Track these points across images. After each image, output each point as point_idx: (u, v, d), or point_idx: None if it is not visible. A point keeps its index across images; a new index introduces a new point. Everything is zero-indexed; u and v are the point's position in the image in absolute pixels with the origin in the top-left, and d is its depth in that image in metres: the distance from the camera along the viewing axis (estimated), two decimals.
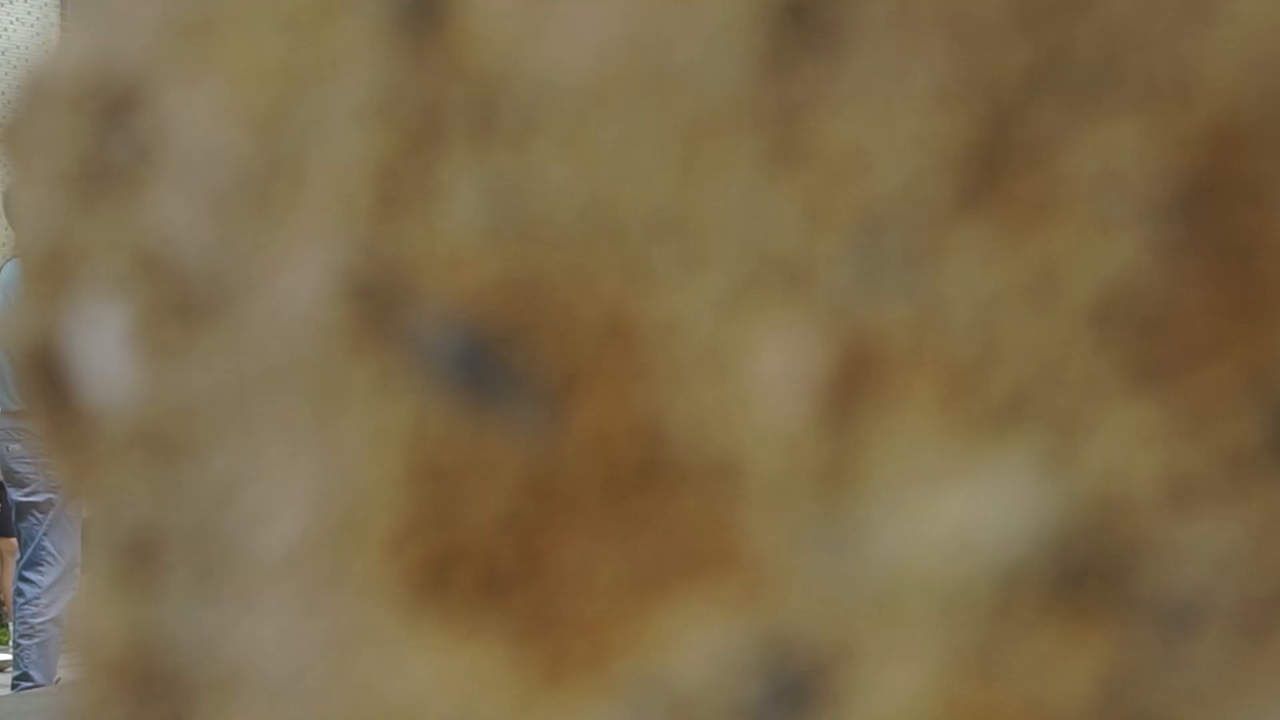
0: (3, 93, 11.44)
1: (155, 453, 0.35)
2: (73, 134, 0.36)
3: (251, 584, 0.34)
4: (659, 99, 0.29)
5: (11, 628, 7.26)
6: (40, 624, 6.81)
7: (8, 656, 7.73)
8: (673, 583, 0.30)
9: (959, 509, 0.27)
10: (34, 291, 0.37)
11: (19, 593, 6.85)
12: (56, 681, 6.84)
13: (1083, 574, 0.27)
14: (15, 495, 6.76)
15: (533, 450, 0.31)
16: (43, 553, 6.83)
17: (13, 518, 6.92)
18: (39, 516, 6.77)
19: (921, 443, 0.28)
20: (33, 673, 6.76)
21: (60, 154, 0.37)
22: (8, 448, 6.72)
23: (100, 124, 0.36)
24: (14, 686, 6.85)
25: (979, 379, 0.27)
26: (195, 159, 0.35)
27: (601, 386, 0.30)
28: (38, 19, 11.90)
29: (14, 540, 7.20)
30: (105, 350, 0.36)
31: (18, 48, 11.87)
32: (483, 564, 0.32)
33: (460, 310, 0.32)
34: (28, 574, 6.82)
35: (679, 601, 0.30)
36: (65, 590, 6.91)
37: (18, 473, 6.74)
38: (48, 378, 0.37)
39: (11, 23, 11.81)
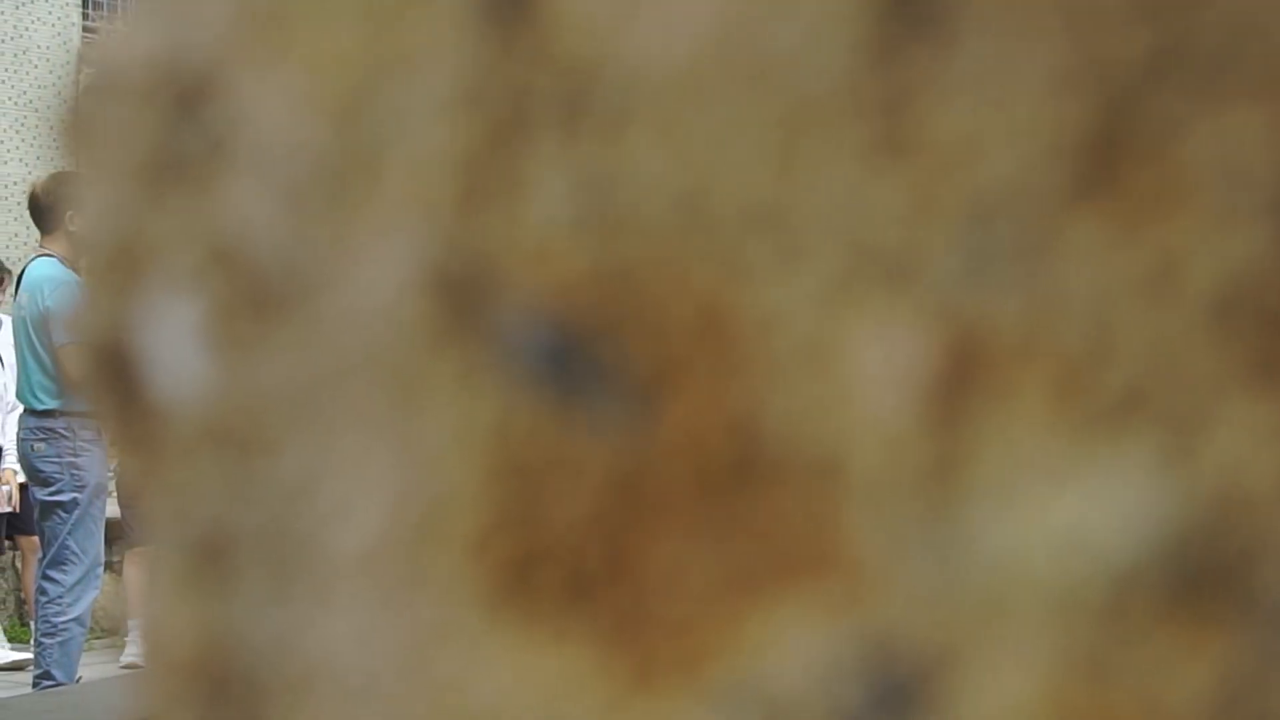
0: (24, 92, 11.43)
1: (227, 449, 0.35)
2: (143, 126, 0.36)
3: (327, 583, 0.34)
4: (758, 88, 0.28)
5: (33, 626, 7.27)
6: (63, 623, 6.83)
7: (29, 655, 7.75)
8: (769, 584, 0.29)
9: (1071, 509, 0.27)
10: (103, 286, 0.36)
11: (42, 591, 6.87)
12: (77, 680, 6.86)
13: (1200, 575, 0.26)
14: (39, 494, 6.78)
15: (621, 448, 0.31)
16: (66, 551, 6.84)
17: (35, 516, 6.94)
18: (63, 515, 6.79)
19: (1032, 441, 0.27)
20: (54, 671, 6.78)
21: (130, 146, 0.36)
22: (32, 447, 6.74)
23: (172, 115, 0.35)
24: (35, 685, 6.87)
25: (1093, 375, 0.26)
26: (270, 150, 0.34)
27: (694, 382, 0.30)
28: (59, 19, 11.93)
29: (36, 538, 7.22)
30: (176, 345, 0.35)
31: (39, 47, 11.90)
32: (569, 564, 0.31)
33: (547, 304, 0.31)
34: (51, 573, 6.84)
35: (776, 603, 0.29)
36: (88, 589, 6.93)
37: (42, 472, 6.75)
38: (117, 373, 0.36)
39: (33, 23, 11.84)
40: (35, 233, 7.55)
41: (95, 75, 0.37)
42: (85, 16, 12.15)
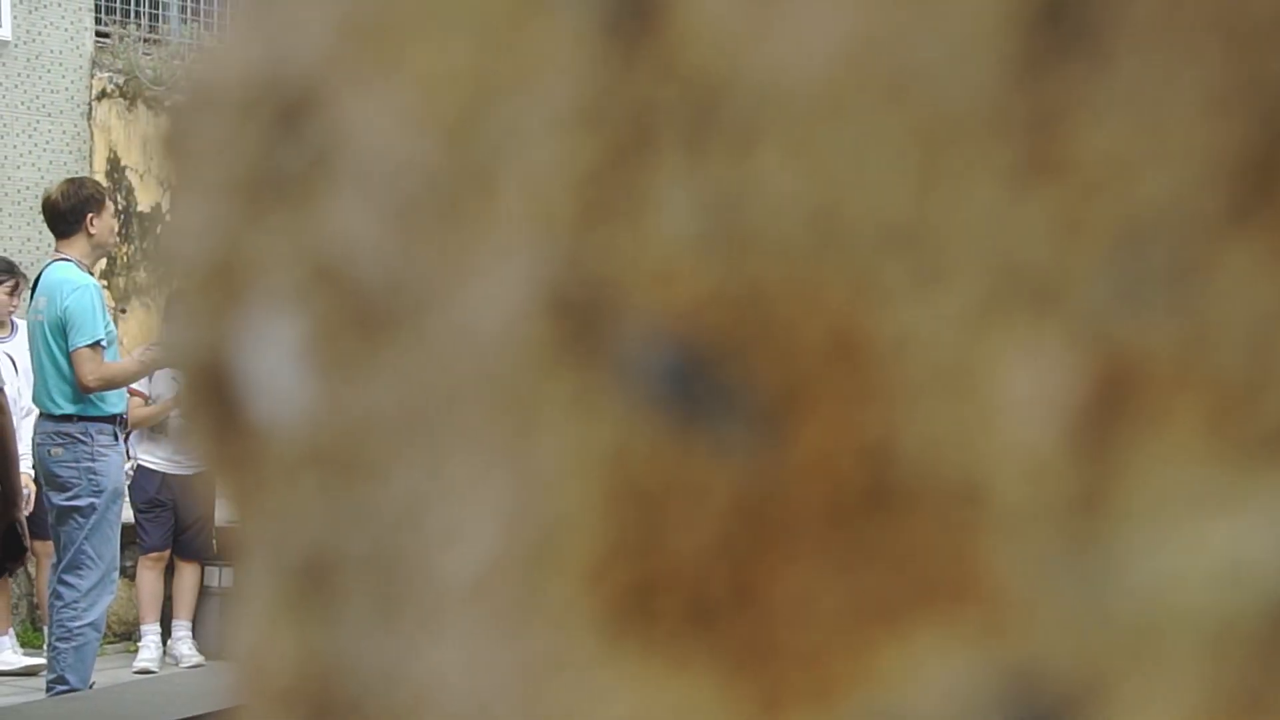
0: (37, 97, 11.42)
1: (330, 472, 0.34)
2: (242, 141, 0.35)
3: (436, 610, 0.33)
4: (897, 104, 0.28)
5: (46, 631, 7.28)
6: (78, 627, 6.84)
7: (42, 660, 7.75)
8: (904, 613, 0.29)
9: (1227, 539, 0.26)
10: (200, 304, 0.35)
11: (57, 595, 6.87)
12: (91, 686, 6.86)
13: None
14: (56, 499, 6.78)
15: (747, 473, 0.30)
16: (83, 556, 6.85)
17: (49, 521, 6.95)
18: (80, 520, 6.79)
19: (1186, 470, 0.26)
20: (69, 676, 6.78)
21: (228, 162, 0.35)
22: (49, 452, 6.74)
23: (272, 131, 0.35)
24: (49, 690, 6.87)
25: (1250, 402, 0.26)
26: (377, 167, 0.33)
27: (826, 406, 0.29)
28: (71, 23, 11.95)
29: (50, 543, 7.23)
30: (277, 365, 0.34)
31: (51, 52, 11.91)
32: (691, 592, 0.30)
33: (670, 325, 0.30)
34: (67, 577, 6.84)
35: (911, 633, 0.29)
36: (103, 594, 6.93)
37: (59, 477, 6.75)
38: (215, 393, 0.35)
39: (45, 27, 11.85)
40: (47, 237, 7.56)
41: (192, 90, 0.36)
42: (98, 21, 12.16)
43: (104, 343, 6.84)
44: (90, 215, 6.75)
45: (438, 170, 0.33)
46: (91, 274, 6.87)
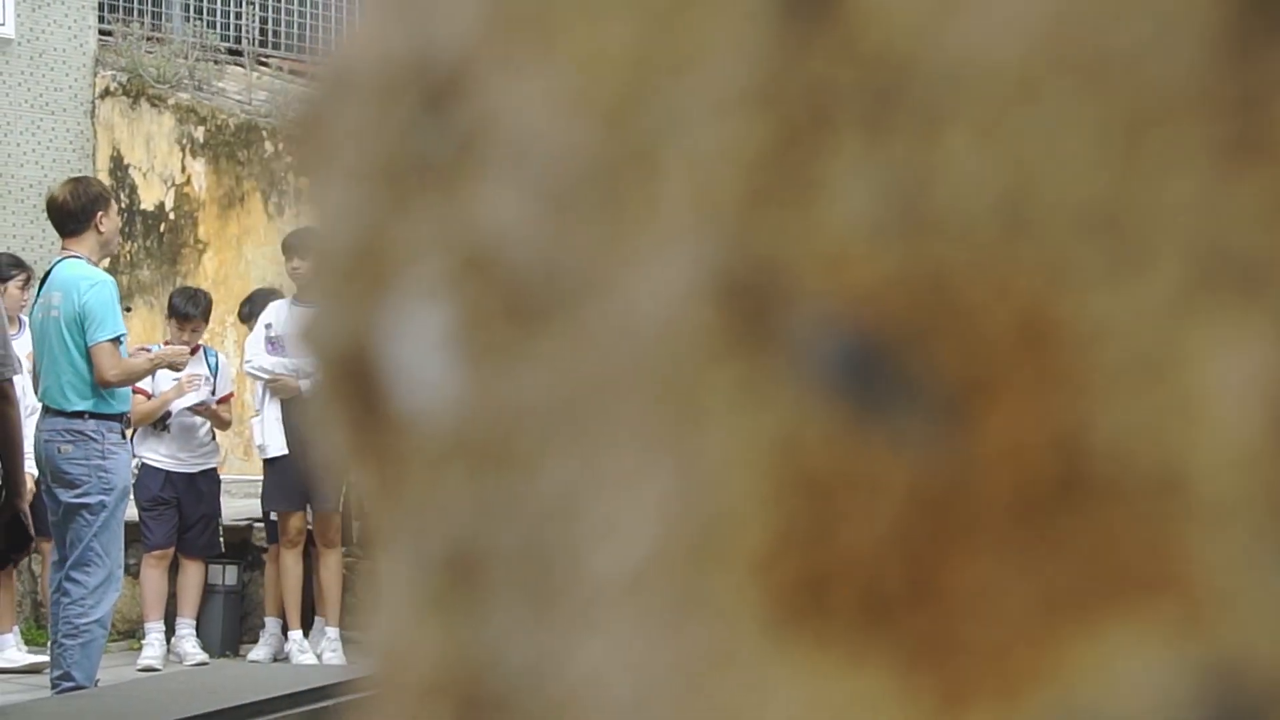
0: (40, 95, 11.42)
1: (478, 463, 0.33)
2: (385, 126, 0.34)
3: (590, 604, 0.32)
4: (1096, 85, 0.27)
5: (50, 628, 7.27)
6: (85, 624, 6.83)
7: (46, 658, 7.75)
8: (1096, 607, 0.28)
9: None
10: (342, 293, 0.35)
11: (64, 592, 6.87)
12: (96, 684, 6.85)
13: None
14: (65, 496, 6.78)
15: (927, 464, 0.29)
16: (90, 553, 6.84)
17: (52, 518, 6.93)
18: (88, 518, 6.79)
19: None
20: (74, 673, 6.78)
21: (370, 147, 0.35)
22: (58, 449, 6.74)
23: (417, 115, 0.34)
24: (54, 686, 6.87)
25: None
26: (530, 152, 0.32)
27: (1013, 396, 0.28)
28: (75, 21, 11.94)
29: (50, 541, 7.21)
30: (423, 354, 0.34)
31: (55, 50, 11.90)
32: (865, 585, 0.30)
33: (846, 312, 0.30)
34: (74, 574, 6.83)
35: (1104, 628, 0.28)
36: (109, 591, 6.93)
37: (68, 474, 6.75)
38: (356, 384, 0.35)
39: (49, 25, 11.84)
40: (52, 234, 7.55)
41: (331, 76, 0.35)
42: (101, 20, 12.14)
43: (122, 339, 6.85)
44: (100, 214, 6.76)
45: (596, 154, 0.32)
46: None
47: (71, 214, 6.75)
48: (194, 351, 8.72)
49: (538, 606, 0.33)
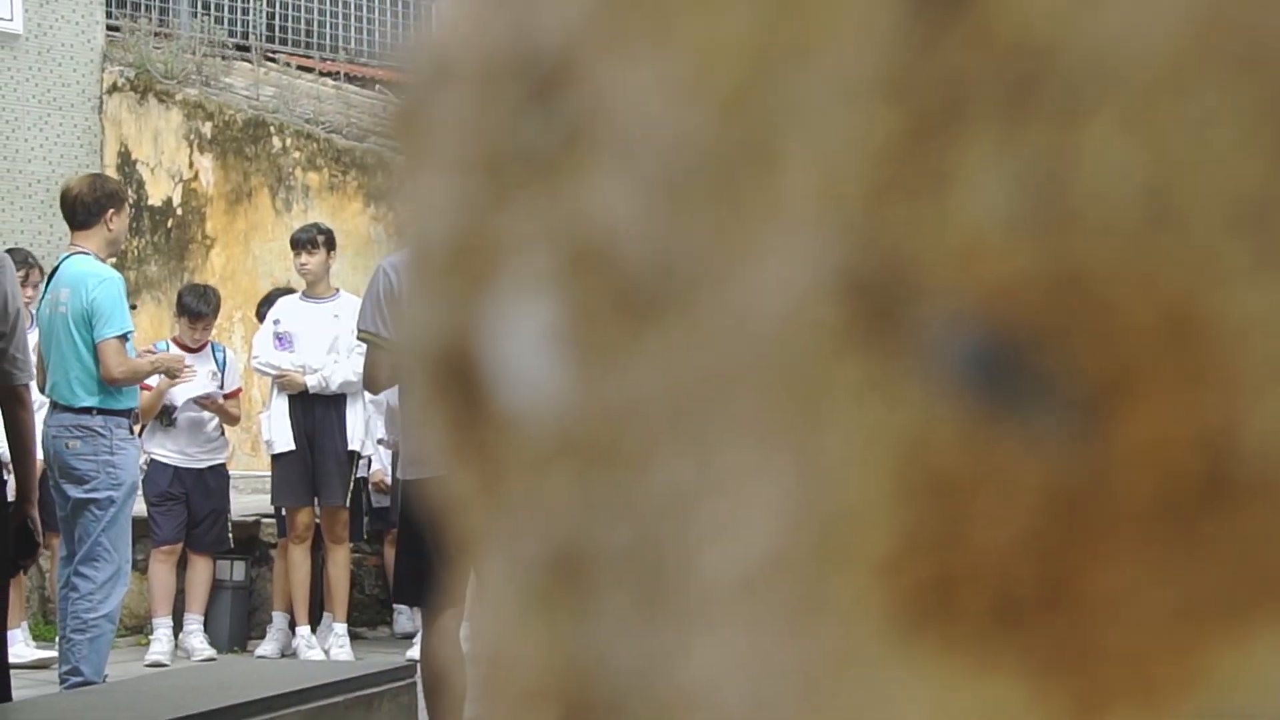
0: (48, 90, 11.41)
1: (585, 462, 0.33)
2: (487, 116, 0.34)
3: (704, 606, 0.31)
4: (1249, 74, 0.26)
5: (58, 623, 7.27)
6: (94, 619, 6.83)
7: (54, 653, 7.75)
8: (1243, 611, 0.27)
9: None
10: (442, 288, 0.34)
11: (73, 588, 6.87)
12: (105, 679, 6.85)
13: None
14: (73, 492, 6.77)
15: (1063, 463, 0.28)
16: (99, 549, 6.84)
17: (60, 513, 6.93)
18: (97, 513, 6.78)
19: None
20: (83, 668, 6.77)
21: (472, 138, 0.34)
22: (66, 444, 6.73)
23: (521, 105, 0.33)
24: (62, 682, 6.87)
25: None
26: (642, 142, 0.32)
27: (1157, 394, 0.27)
28: (83, 16, 11.93)
29: (58, 537, 7.21)
30: (528, 351, 0.33)
31: (63, 45, 11.90)
32: (997, 589, 0.29)
33: (979, 308, 0.29)
34: (83, 569, 6.83)
35: (1250, 632, 0.27)
36: (117, 586, 6.93)
37: (77, 469, 6.74)
38: (457, 381, 0.34)
39: (56, 20, 11.83)
40: (60, 230, 7.55)
41: (429, 66, 0.35)
42: (109, 15, 12.13)
43: (129, 336, 6.85)
44: (111, 211, 6.76)
45: (711, 145, 0.31)
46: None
47: (85, 206, 6.75)
48: (201, 348, 8.71)
49: (648, 608, 0.32)
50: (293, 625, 8.94)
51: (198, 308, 8.71)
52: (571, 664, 0.33)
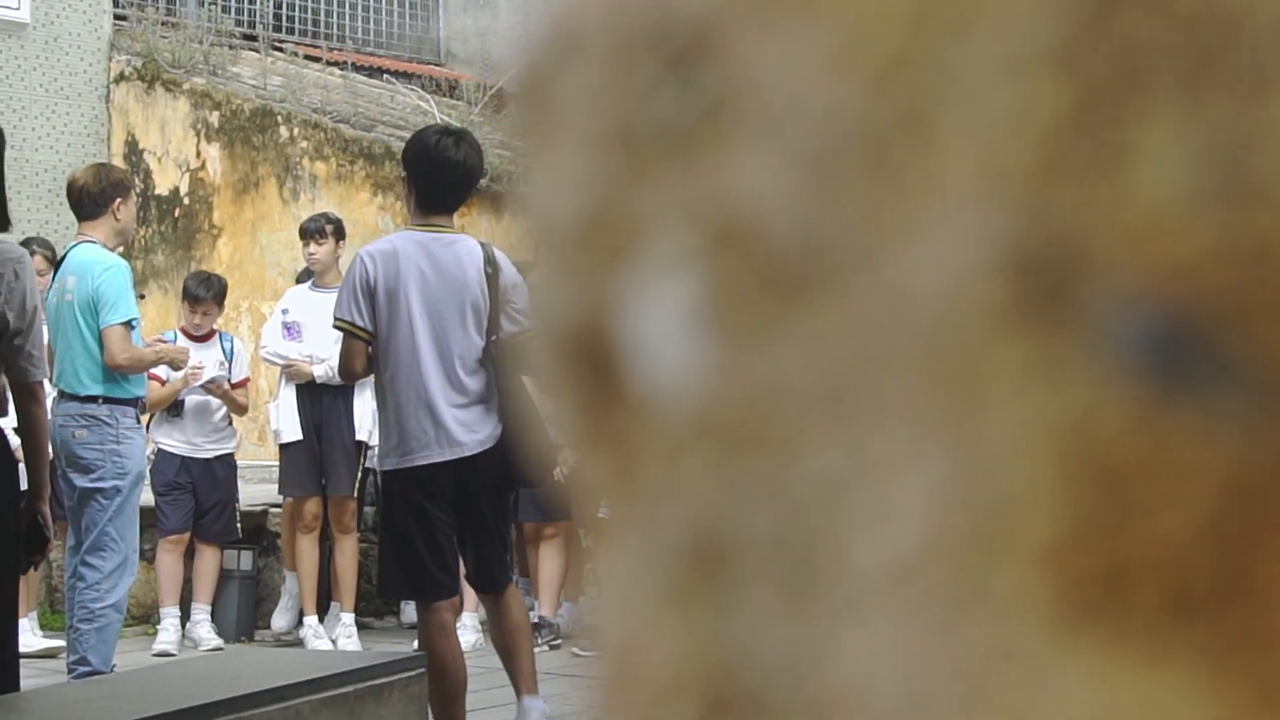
0: (55, 79, 11.40)
1: (727, 447, 0.31)
2: (621, 89, 0.32)
3: (854, 597, 0.30)
4: None
5: (66, 613, 7.26)
6: (101, 609, 6.83)
7: (61, 642, 7.75)
8: None
9: None
10: (574, 267, 0.33)
11: (80, 577, 6.86)
12: (113, 668, 6.85)
13: None
14: (80, 481, 6.77)
15: (1244, 449, 0.27)
16: (105, 538, 6.84)
17: (68, 503, 6.93)
18: (103, 502, 6.78)
19: None
20: (90, 657, 6.77)
21: (605, 112, 0.33)
22: (73, 434, 6.72)
23: (658, 78, 0.32)
24: (70, 671, 6.86)
25: None
26: (790, 116, 0.31)
27: None
28: (90, 5, 11.91)
29: (65, 526, 7.21)
30: (666, 331, 0.32)
31: (70, 35, 11.88)
32: (1171, 579, 0.28)
33: (1155, 288, 0.28)
34: (90, 559, 6.83)
35: None
36: (125, 576, 6.92)
37: (83, 459, 6.74)
38: (590, 363, 0.33)
39: (64, 9, 11.82)
40: (67, 219, 7.55)
41: (556, 37, 0.33)
42: (116, 4, 12.11)
43: (134, 323, 6.84)
44: (119, 200, 6.74)
45: (864, 119, 0.30)
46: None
47: (91, 196, 6.74)
48: (208, 337, 8.70)
49: (794, 599, 0.31)
50: (301, 616, 8.94)
51: (197, 292, 8.70)
52: (712, 658, 0.32)
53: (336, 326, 5.44)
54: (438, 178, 5.28)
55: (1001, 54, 0.29)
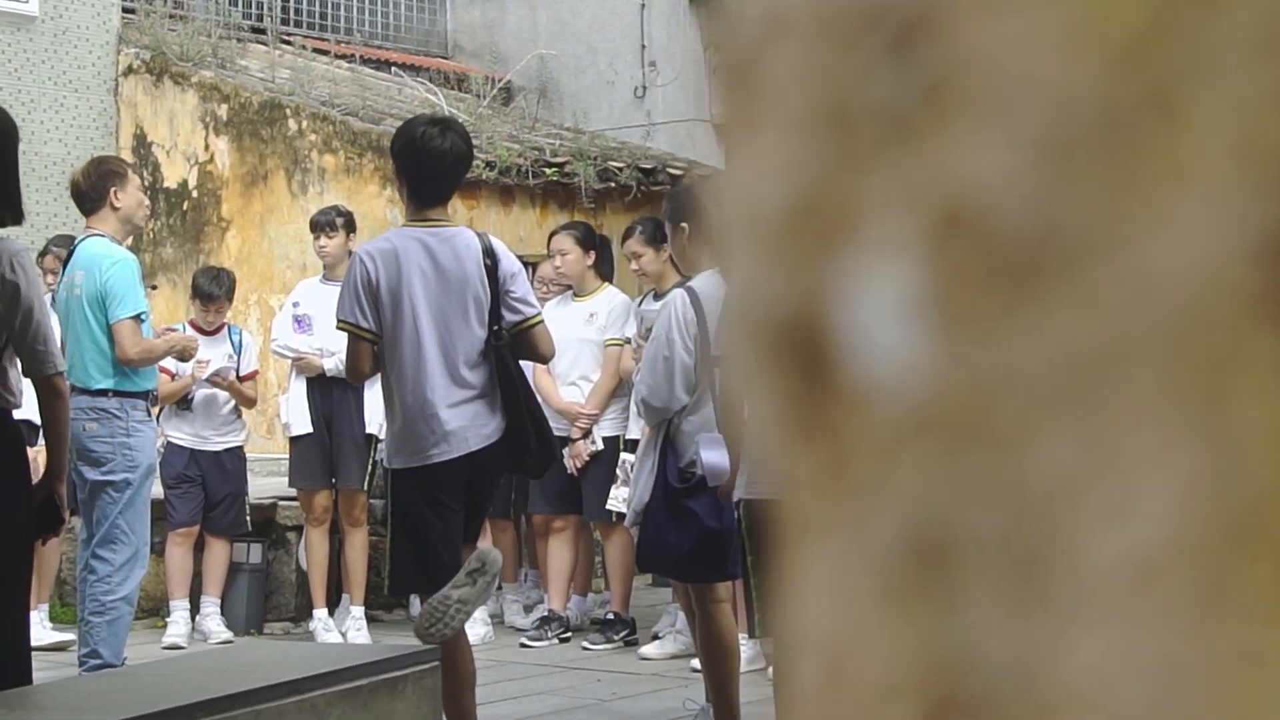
0: (64, 73, 11.37)
1: (952, 442, 0.30)
2: (836, 70, 0.31)
3: (1092, 597, 0.29)
4: None
5: (77, 606, 7.27)
6: (112, 602, 6.81)
7: (71, 636, 7.74)
8: None
9: None
10: (784, 253, 0.32)
11: (90, 570, 6.85)
12: (124, 661, 6.85)
13: None
14: (90, 474, 6.75)
15: None
16: (116, 531, 6.82)
17: (81, 495, 6.92)
18: (114, 495, 6.77)
19: None
20: (102, 650, 6.76)
21: (817, 93, 0.31)
22: (83, 427, 6.71)
23: (877, 58, 0.31)
24: (81, 664, 6.86)
25: None
26: (1021, 98, 0.29)
27: None
28: None
29: (77, 518, 7.21)
30: (885, 321, 0.31)
31: (78, 28, 11.87)
32: None
33: None
34: (101, 552, 6.82)
35: None
36: (136, 569, 6.91)
37: (94, 452, 6.72)
38: (801, 355, 0.32)
39: (73, 3, 11.80)
40: (75, 212, 7.54)
41: (763, 18, 0.32)
42: None
43: (143, 316, 6.82)
44: (113, 189, 6.70)
45: (1104, 101, 0.29)
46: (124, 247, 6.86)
47: (83, 194, 6.72)
48: (217, 330, 8.69)
49: (1025, 598, 0.30)
50: (310, 608, 8.94)
51: (210, 290, 8.69)
52: (934, 659, 0.30)
53: (340, 328, 5.42)
54: (427, 170, 5.26)
55: (1256, 30, 0.28)
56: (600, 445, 7.92)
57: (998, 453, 0.30)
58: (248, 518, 9.13)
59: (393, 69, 13.18)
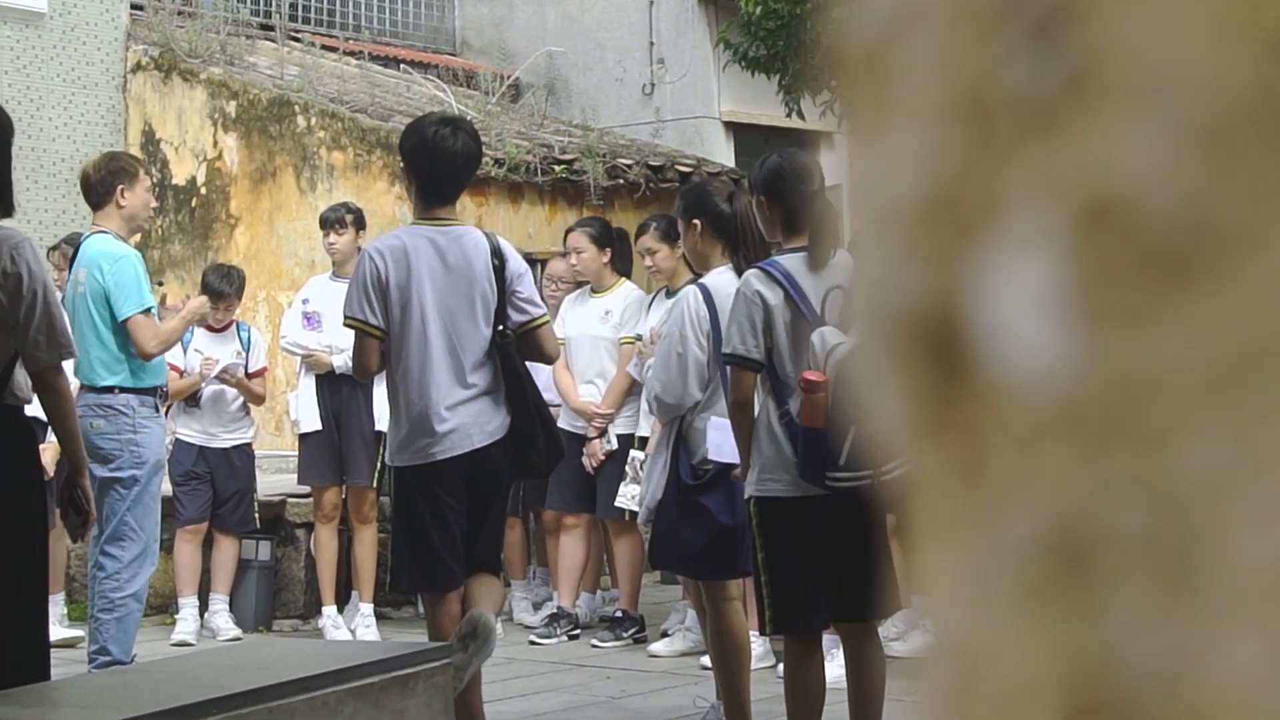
0: (72, 69, 11.37)
1: (1095, 439, 0.30)
2: (973, 57, 0.31)
3: (1245, 597, 0.28)
4: None
5: (87, 603, 7.27)
6: (121, 599, 6.82)
7: (80, 632, 7.75)
8: None
9: None
10: (918, 246, 0.31)
11: (99, 567, 6.85)
12: (133, 658, 6.85)
13: None
14: (98, 471, 6.75)
15: None
16: (125, 528, 6.82)
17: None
18: (122, 492, 6.77)
19: None
20: (111, 647, 6.76)
21: (953, 81, 0.31)
22: (91, 424, 6.70)
23: (1012, 45, 0.30)
24: (91, 660, 6.86)
25: None
26: (1172, 86, 0.29)
27: None
28: None
29: None
30: (1026, 315, 0.30)
31: (87, 24, 11.87)
32: None
33: None
34: (109, 549, 6.82)
35: None
36: (145, 565, 6.91)
37: (101, 449, 6.71)
38: (936, 349, 0.31)
39: (80, 0, 11.81)
40: (83, 209, 7.54)
41: (895, 1, 0.32)
42: None
43: (152, 309, 6.81)
44: (120, 187, 6.69)
45: (1257, 88, 0.28)
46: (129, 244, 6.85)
47: (91, 188, 6.72)
48: (225, 328, 8.69)
49: (1169, 599, 0.29)
50: (319, 605, 8.94)
51: (220, 287, 8.68)
52: (1075, 660, 0.30)
53: (348, 325, 5.41)
54: (438, 169, 5.26)
55: None
56: (615, 444, 7.92)
57: (1145, 450, 0.29)
58: (256, 515, 9.13)
59: (401, 66, 13.17)
